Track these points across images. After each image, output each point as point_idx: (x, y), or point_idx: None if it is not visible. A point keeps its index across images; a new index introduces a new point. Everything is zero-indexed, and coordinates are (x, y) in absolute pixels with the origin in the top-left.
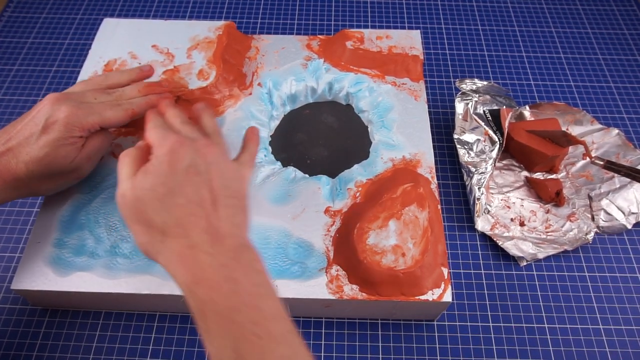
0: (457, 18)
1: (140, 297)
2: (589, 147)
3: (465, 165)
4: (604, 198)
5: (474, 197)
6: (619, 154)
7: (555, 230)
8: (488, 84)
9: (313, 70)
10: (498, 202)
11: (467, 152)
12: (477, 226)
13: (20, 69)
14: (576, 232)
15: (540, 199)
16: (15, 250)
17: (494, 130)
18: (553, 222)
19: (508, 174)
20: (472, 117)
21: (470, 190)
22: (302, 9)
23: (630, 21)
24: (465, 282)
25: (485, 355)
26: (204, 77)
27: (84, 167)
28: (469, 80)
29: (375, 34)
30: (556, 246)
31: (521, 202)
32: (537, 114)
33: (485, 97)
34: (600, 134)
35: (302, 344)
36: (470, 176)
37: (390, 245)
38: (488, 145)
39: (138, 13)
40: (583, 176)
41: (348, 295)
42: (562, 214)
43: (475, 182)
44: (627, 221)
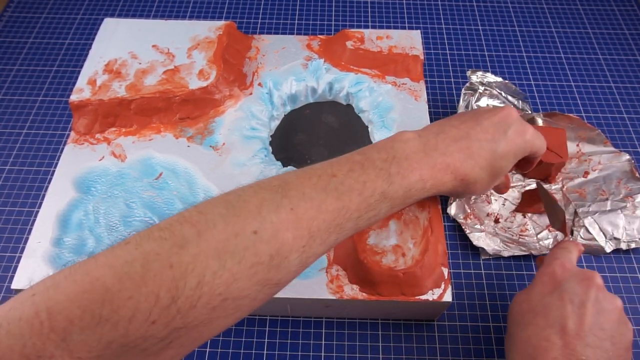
0: (457, 18)
1: None
2: (595, 166)
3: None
4: (590, 216)
5: None
6: (621, 180)
7: (529, 235)
8: (502, 82)
9: (313, 70)
10: (479, 195)
11: None
12: (450, 211)
13: (21, 69)
14: (551, 241)
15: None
16: (15, 250)
17: None
18: (530, 228)
19: None
20: (473, 108)
21: None
22: (302, 9)
23: (630, 21)
24: (466, 282)
25: (485, 355)
26: (204, 77)
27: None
28: (480, 72)
29: (376, 34)
30: (524, 249)
31: (504, 201)
32: (550, 123)
33: (492, 91)
34: (610, 157)
35: None
36: None
37: (390, 245)
38: None
39: (138, 13)
40: (577, 192)
41: (348, 295)
42: (543, 222)
43: None
44: (606, 245)
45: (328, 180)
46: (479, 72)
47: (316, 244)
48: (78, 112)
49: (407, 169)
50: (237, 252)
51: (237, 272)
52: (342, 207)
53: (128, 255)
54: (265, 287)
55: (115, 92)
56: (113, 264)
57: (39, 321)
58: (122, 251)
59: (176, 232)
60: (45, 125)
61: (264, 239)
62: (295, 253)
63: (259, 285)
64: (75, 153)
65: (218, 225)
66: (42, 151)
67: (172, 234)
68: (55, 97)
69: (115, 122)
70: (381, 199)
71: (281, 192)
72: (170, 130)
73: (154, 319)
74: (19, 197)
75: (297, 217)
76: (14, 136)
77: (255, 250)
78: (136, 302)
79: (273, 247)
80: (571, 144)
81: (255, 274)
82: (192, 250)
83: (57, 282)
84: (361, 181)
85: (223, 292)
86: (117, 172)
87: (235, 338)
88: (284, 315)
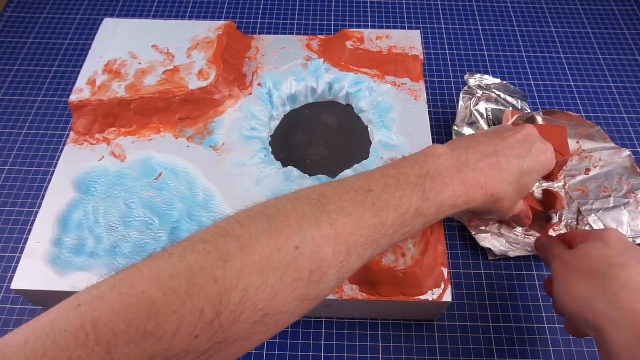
0: (457, 18)
1: None
2: (596, 163)
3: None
4: (594, 214)
5: None
6: (623, 175)
7: (534, 235)
8: (500, 83)
9: (313, 70)
10: None
11: None
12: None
13: (20, 69)
14: None
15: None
16: (15, 250)
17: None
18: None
19: None
20: (472, 112)
21: None
22: (302, 9)
23: (630, 21)
24: (465, 282)
25: (485, 355)
26: (204, 77)
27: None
28: (478, 75)
29: (375, 34)
30: (529, 250)
31: None
32: (550, 121)
33: (490, 94)
34: (611, 153)
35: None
36: None
37: None
38: None
39: (138, 13)
40: (580, 190)
41: (348, 295)
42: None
43: None
44: None
45: (365, 195)
46: (477, 75)
47: (353, 260)
48: (78, 113)
49: (441, 185)
50: (279, 268)
51: (279, 288)
52: (380, 223)
53: (173, 268)
54: (304, 302)
55: (115, 93)
56: (158, 277)
57: (85, 333)
58: (167, 264)
59: (220, 246)
60: (45, 125)
61: (305, 254)
62: (334, 269)
63: (298, 300)
64: (75, 153)
65: (262, 240)
66: (42, 151)
67: (216, 248)
68: (55, 97)
69: (115, 123)
70: (416, 215)
71: (320, 206)
72: (170, 131)
73: (197, 333)
74: (19, 197)
75: (336, 233)
76: (13, 136)
77: (296, 266)
78: (181, 317)
79: (314, 263)
80: (571, 141)
81: (295, 289)
82: (236, 265)
83: (102, 294)
84: (397, 197)
85: (265, 308)
86: (116, 173)
87: None
88: None
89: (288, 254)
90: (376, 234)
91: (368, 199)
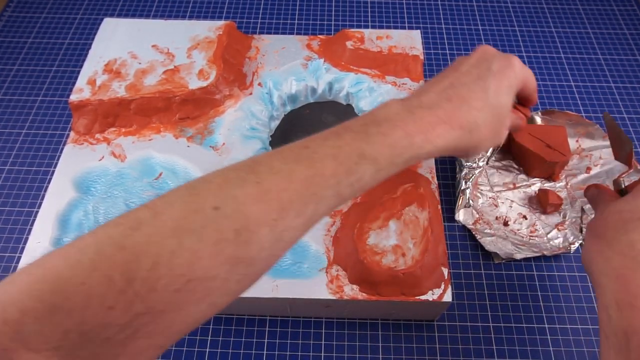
0: (457, 18)
1: None
2: (596, 161)
3: (459, 158)
4: None
5: (459, 189)
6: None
7: (539, 235)
8: None
9: (313, 70)
10: (486, 199)
11: None
12: (458, 217)
13: (20, 69)
14: (561, 240)
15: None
16: (15, 250)
17: None
18: (539, 228)
19: (505, 174)
20: None
21: (458, 182)
22: (302, 9)
23: (630, 21)
24: (465, 282)
25: (485, 355)
26: (204, 77)
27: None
28: None
29: (376, 34)
30: (535, 250)
31: (510, 203)
32: (549, 120)
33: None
34: (610, 151)
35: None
36: (461, 169)
37: (390, 245)
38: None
39: (138, 13)
40: (582, 189)
41: (348, 295)
42: (551, 221)
43: (464, 175)
44: None
45: (300, 152)
46: None
47: (290, 217)
48: (78, 112)
49: (389, 128)
50: (196, 230)
51: (199, 250)
52: (316, 174)
53: (82, 243)
54: (237, 266)
55: (115, 92)
56: (67, 253)
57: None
58: (77, 241)
59: (131, 216)
60: (45, 125)
61: (226, 214)
62: (266, 227)
63: (228, 264)
64: (75, 153)
65: (176, 205)
66: (42, 151)
67: (127, 219)
68: (55, 97)
69: (115, 122)
70: (360, 160)
71: (248, 168)
72: (170, 130)
73: (111, 304)
74: (19, 197)
75: (264, 190)
76: (13, 136)
77: (217, 227)
78: (89, 288)
79: (237, 221)
80: (571, 140)
81: (221, 251)
82: (146, 231)
83: (13, 278)
84: (336, 146)
85: (186, 273)
86: (116, 172)
87: (235, 338)
88: (284, 315)
89: (206, 215)
90: (314, 187)
91: (303, 154)
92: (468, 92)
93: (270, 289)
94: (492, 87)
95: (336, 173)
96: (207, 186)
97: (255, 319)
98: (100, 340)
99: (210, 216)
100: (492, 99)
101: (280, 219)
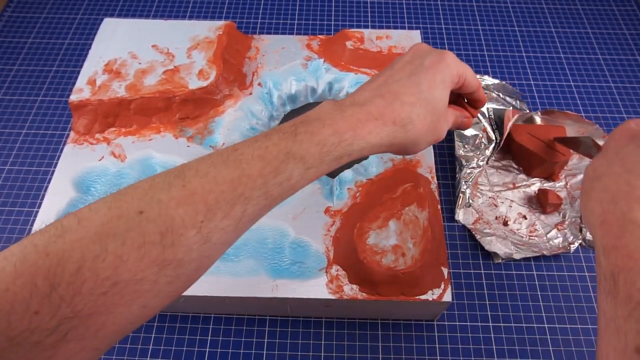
0: (457, 18)
1: None
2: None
3: (459, 158)
4: None
5: (459, 189)
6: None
7: (539, 235)
8: (499, 83)
9: (313, 70)
10: (486, 199)
11: (463, 145)
12: (458, 217)
13: (20, 69)
14: (561, 240)
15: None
16: None
17: (493, 128)
18: (539, 228)
19: (505, 174)
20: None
21: (457, 182)
22: (302, 9)
23: (630, 21)
24: (465, 282)
25: (485, 355)
26: (204, 77)
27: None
28: (478, 76)
29: (375, 34)
30: (535, 250)
31: (510, 202)
32: (548, 120)
33: (491, 94)
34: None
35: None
36: (461, 169)
37: (390, 245)
38: (484, 143)
39: (138, 13)
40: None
41: (348, 295)
42: (551, 221)
43: (464, 175)
44: None
45: (228, 155)
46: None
47: (217, 218)
48: (78, 112)
49: (317, 127)
50: (120, 234)
51: (124, 254)
52: (242, 175)
53: (8, 252)
54: (165, 268)
55: (115, 92)
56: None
57: None
58: (5, 251)
59: (57, 224)
60: (45, 125)
61: (151, 217)
62: (192, 229)
63: (155, 266)
64: (75, 153)
65: (100, 211)
66: (42, 151)
67: (53, 227)
68: (55, 97)
69: (115, 122)
70: (287, 159)
71: (177, 173)
72: (170, 130)
73: (36, 309)
74: (19, 197)
75: (189, 192)
76: (13, 136)
77: (141, 230)
78: (12, 294)
79: (162, 224)
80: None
81: (146, 253)
82: (70, 237)
83: None
84: (263, 147)
85: (111, 276)
86: (116, 172)
87: (235, 338)
88: (284, 315)
89: (130, 219)
90: (241, 187)
91: (231, 157)
92: (400, 88)
93: (270, 289)
94: (424, 82)
95: (263, 173)
96: (133, 192)
97: (255, 319)
98: (29, 344)
99: (135, 220)
100: (425, 94)
101: (207, 220)
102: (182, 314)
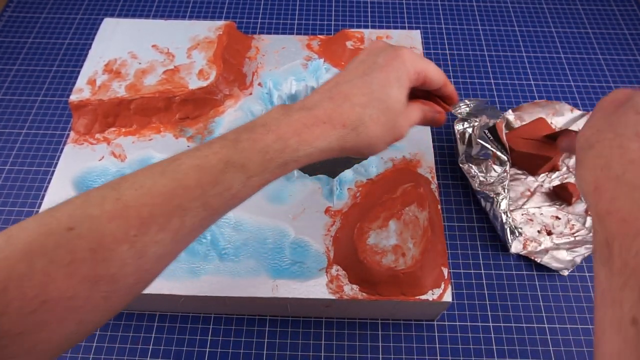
0: (457, 18)
1: (140, 297)
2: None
3: (482, 191)
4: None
5: (501, 222)
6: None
7: (579, 229)
8: (477, 101)
9: (313, 70)
10: (520, 217)
11: (479, 178)
12: (512, 249)
13: (20, 69)
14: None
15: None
16: None
17: (499, 149)
18: (575, 222)
19: (517, 184)
20: (477, 142)
21: (494, 215)
22: (302, 9)
23: (630, 21)
24: (465, 282)
25: (485, 355)
26: (204, 77)
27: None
28: (462, 103)
29: (376, 34)
30: (588, 246)
31: (540, 210)
32: (521, 115)
33: (481, 118)
34: (583, 120)
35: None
36: (489, 201)
37: (390, 245)
38: (498, 166)
39: (138, 13)
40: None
41: (348, 295)
42: (578, 210)
43: (503, 206)
44: None
45: (168, 165)
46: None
47: (153, 231)
48: (78, 112)
49: (262, 133)
50: (48, 252)
51: (52, 272)
52: (178, 186)
53: None
54: (98, 284)
55: (115, 92)
56: None
57: None
58: None
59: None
60: (45, 125)
61: (81, 233)
62: (125, 244)
63: (87, 282)
64: (75, 153)
65: (29, 229)
66: (42, 151)
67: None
68: (55, 97)
69: (115, 122)
70: (227, 168)
71: (112, 186)
72: (170, 130)
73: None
74: (19, 197)
75: (123, 206)
76: (13, 136)
77: (70, 247)
78: None
79: (93, 240)
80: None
81: (75, 270)
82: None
83: None
84: (202, 156)
85: (39, 295)
86: (116, 172)
87: (235, 338)
88: (284, 315)
89: (60, 236)
90: (177, 199)
91: (170, 167)
92: (351, 89)
93: (270, 289)
94: (376, 81)
95: (201, 183)
96: (65, 207)
97: (255, 319)
98: None
99: (64, 237)
100: (378, 93)
101: (141, 234)
102: (182, 314)
